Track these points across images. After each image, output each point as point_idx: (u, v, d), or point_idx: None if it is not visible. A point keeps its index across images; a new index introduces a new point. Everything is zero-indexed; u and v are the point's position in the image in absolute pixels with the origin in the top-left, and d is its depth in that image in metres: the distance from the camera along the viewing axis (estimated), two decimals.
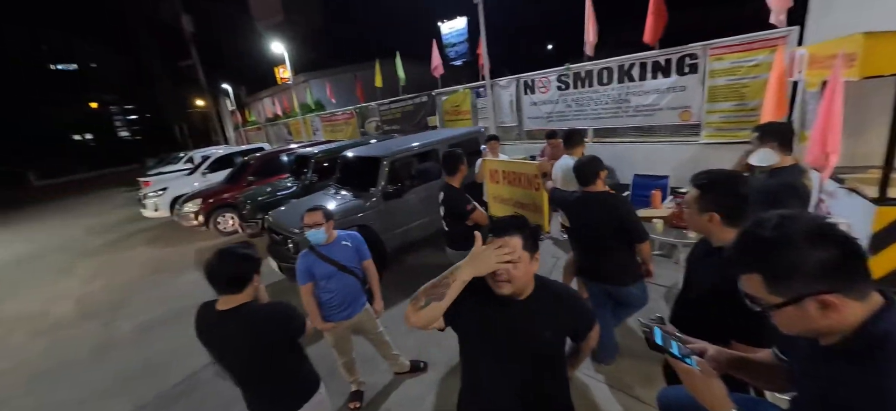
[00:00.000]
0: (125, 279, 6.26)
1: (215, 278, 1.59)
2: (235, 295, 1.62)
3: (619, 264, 2.41)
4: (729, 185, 1.38)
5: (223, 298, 1.62)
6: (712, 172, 1.43)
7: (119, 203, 14.59)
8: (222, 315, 1.61)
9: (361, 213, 4.52)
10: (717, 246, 1.41)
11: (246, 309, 1.62)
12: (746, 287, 0.83)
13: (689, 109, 5.06)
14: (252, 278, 1.66)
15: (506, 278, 1.20)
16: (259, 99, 24.62)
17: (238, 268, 1.61)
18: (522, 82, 7.10)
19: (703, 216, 1.39)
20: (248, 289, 1.64)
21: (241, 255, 1.63)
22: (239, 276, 1.61)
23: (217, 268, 1.58)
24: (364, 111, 12.18)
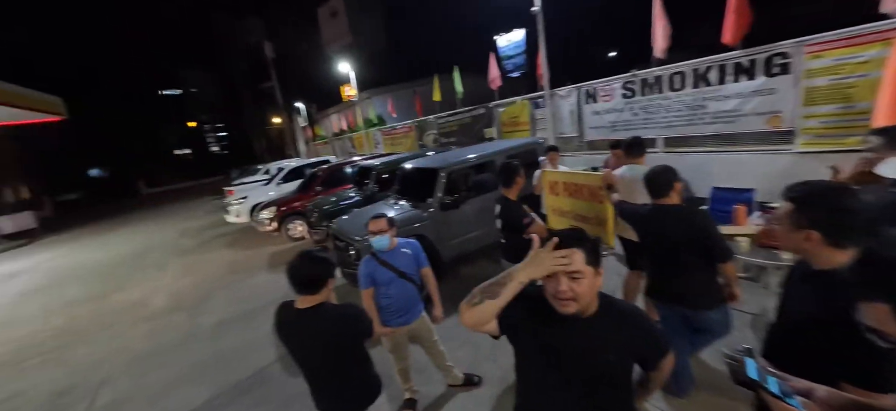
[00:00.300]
0: (208, 277, 7.01)
1: (296, 278, 1.72)
2: (312, 295, 1.74)
3: (698, 285, 2.16)
4: (830, 199, 1.16)
5: (301, 298, 1.75)
6: (810, 183, 1.22)
7: (208, 209, 16.47)
8: (300, 313, 1.74)
9: (418, 223, 4.61)
10: (818, 269, 1.20)
11: (321, 308, 1.74)
12: (870, 318, 0.69)
13: (780, 114, 4.47)
14: (328, 280, 1.78)
15: (570, 296, 1.12)
16: (327, 115, 26.57)
17: (317, 270, 1.74)
18: (584, 91, 6.82)
19: (799, 234, 1.19)
20: (323, 290, 1.76)
21: (319, 259, 1.76)
22: (317, 278, 1.74)
23: (298, 270, 1.72)
24: (422, 124, 12.54)
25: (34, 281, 9.01)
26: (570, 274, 1.12)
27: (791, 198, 1.23)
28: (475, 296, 1.22)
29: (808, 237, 1.17)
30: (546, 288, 1.19)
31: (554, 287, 1.15)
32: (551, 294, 1.16)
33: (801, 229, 1.18)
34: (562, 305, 1.14)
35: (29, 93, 11.17)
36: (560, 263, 1.12)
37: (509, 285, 1.18)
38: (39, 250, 13.42)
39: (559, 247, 1.15)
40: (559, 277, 1.13)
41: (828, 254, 1.14)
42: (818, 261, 1.19)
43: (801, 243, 1.20)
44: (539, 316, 1.22)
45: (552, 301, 1.17)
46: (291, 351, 1.81)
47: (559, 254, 1.13)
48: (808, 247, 1.19)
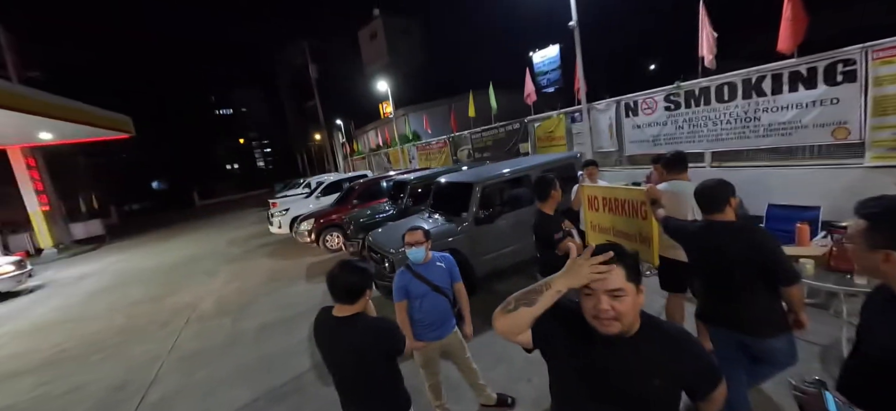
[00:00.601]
0: (252, 284, 7.37)
1: (336, 286, 1.76)
2: (350, 304, 1.78)
3: (758, 309, 1.95)
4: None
5: (339, 306, 1.79)
6: (887, 198, 1.09)
7: (253, 220, 17.43)
8: (338, 321, 1.78)
9: (452, 237, 4.61)
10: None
11: (358, 319, 1.78)
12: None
13: (846, 125, 4.09)
14: (366, 291, 1.82)
15: (612, 315, 1.05)
16: (365, 131, 27.53)
17: (356, 279, 1.77)
18: (623, 104, 6.61)
19: (876, 254, 1.06)
20: (361, 300, 1.80)
21: (359, 269, 1.80)
22: (356, 287, 1.77)
23: (338, 278, 1.76)
24: (457, 140, 12.67)
25: (102, 282, 9.88)
26: (610, 292, 1.05)
27: (865, 214, 1.11)
28: (510, 303, 1.18)
29: (888, 258, 1.05)
30: (585, 307, 1.11)
31: (594, 305, 1.08)
32: (591, 314, 1.09)
33: (879, 249, 1.06)
34: (603, 325, 1.07)
35: (103, 112, 12.56)
36: (598, 272, 1.07)
37: (546, 293, 1.14)
38: (106, 254, 14.73)
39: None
40: (599, 296, 1.06)
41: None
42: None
43: (878, 265, 1.07)
44: (576, 334, 1.16)
45: (592, 321, 1.10)
46: (325, 357, 1.85)
47: (597, 261, 1.07)
48: (886, 269, 1.07)
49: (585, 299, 1.10)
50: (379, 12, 35.89)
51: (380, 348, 1.78)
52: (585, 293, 1.10)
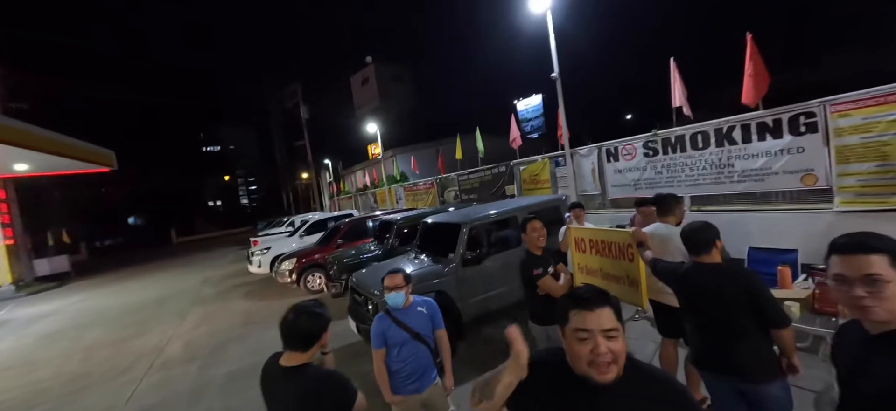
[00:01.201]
0: (224, 327, 6.97)
1: (292, 333, 1.63)
2: (301, 352, 1.63)
3: (752, 353, 1.91)
4: (887, 241, 1.03)
5: (288, 354, 1.65)
6: (856, 235, 1.08)
7: (232, 259, 16.85)
8: (285, 371, 1.63)
9: (438, 279, 4.51)
10: (884, 331, 1.03)
11: (307, 369, 1.63)
12: None
13: (813, 172, 4.31)
14: (321, 336, 1.68)
15: (610, 358, 1.00)
16: (353, 171, 27.68)
17: (313, 324, 1.65)
18: (604, 150, 6.86)
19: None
20: (313, 348, 1.66)
21: (314, 313, 1.67)
22: (310, 334, 1.64)
23: (296, 324, 1.63)
24: (444, 181, 12.80)
25: (57, 323, 9.19)
26: (606, 332, 1.01)
27: (835, 250, 1.10)
28: (475, 394, 1.15)
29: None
30: (578, 355, 1.03)
31: (591, 350, 1.01)
32: (587, 360, 1.01)
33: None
34: (600, 372, 1.00)
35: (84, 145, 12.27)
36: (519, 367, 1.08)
37: (498, 389, 1.09)
38: (70, 293, 13.86)
39: (585, 306, 1.04)
40: (596, 338, 1.00)
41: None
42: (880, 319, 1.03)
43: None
44: (558, 391, 1.10)
45: (587, 370, 1.02)
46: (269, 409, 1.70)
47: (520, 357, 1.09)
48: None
49: (579, 345, 1.03)
50: (371, 59, 37.38)
51: (327, 403, 1.61)
52: (580, 338, 1.03)
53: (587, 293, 1.08)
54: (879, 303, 0.99)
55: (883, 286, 0.98)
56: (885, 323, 1.01)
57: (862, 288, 1.00)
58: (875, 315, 1.00)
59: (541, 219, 2.94)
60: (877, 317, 1.01)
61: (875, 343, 1.05)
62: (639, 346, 3.95)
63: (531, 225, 2.86)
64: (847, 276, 1.03)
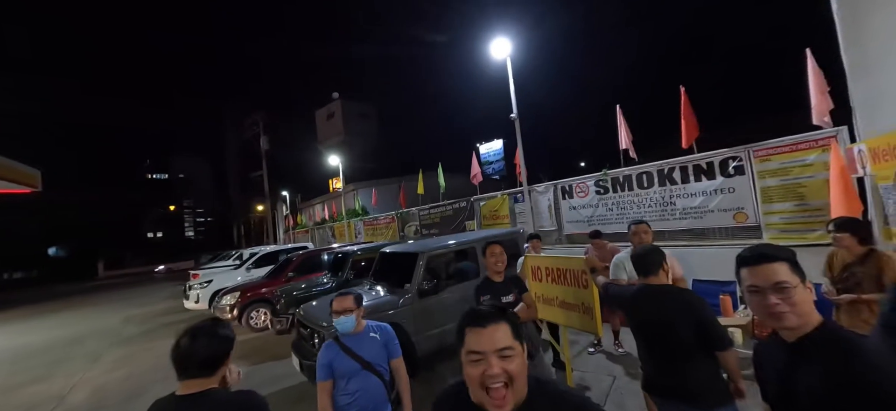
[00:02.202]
0: (145, 369, 6.14)
1: (187, 359, 1.39)
2: (205, 378, 1.41)
3: (700, 377, 1.92)
4: (785, 251, 1.11)
5: (188, 382, 1.40)
6: (759, 248, 1.13)
7: (166, 295, 15.29)
8: (183, 401, 1.38)
9: (393, 310, 4.30)
10: (805, 334, 1.05)
11: (213, 395, 1.40)
12: None
13: (743, 210, 4.73)
14: (226, 358, 1.47)
15: (504, 380, 0.90)
16: (311, 205, 26.73)
17: (214, 347, 1.43)
18: (560, 188, 7.15)
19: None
20: (219, 371, 1.45)
21: (218, 334, 1.46)
22: (214, 357, 1.43)
23: (190, 348, 1.39)
24: (405, 216, 12.66)
25: None
26: (500, 351, 0.90)
27: (743, 263, 1.13)
28: None
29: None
30: (471, 378, 0.93)
31: (483, 372, 0.90)
32: (479, 383, 0.91)
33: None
34: (494, 403, 0.90)
35: (4, 161, 10.91)
36: None
37: None
38: None
39: (479, 323, 0.95)
40: (489, 359, 0.89)
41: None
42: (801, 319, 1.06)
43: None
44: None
45: (479, 397, 0.92)
46: None
47: None
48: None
49: (472, 368, 0.92)
50: (338, 95, 37.50)
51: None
52: (472, 360, 0.92)
53: (482, 310, 1.00)
54: (791, 309, 1.03)
55: (791, 292, 1.03)
56: (798, 329, 1.05)
57: (774, 295, 1.04)
58: (788, 320, 1.04)
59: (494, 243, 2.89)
60: (790, 323, 1.04)
61: (793, 351, 1.08)
62: (595, 380, 3.92)
63: (491, 249, 2.77)
64: (760, 286, 1.07)
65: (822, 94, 4.23)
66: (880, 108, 3.57)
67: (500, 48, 7.33)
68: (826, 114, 4.19)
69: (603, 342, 4.51)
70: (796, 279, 1.05)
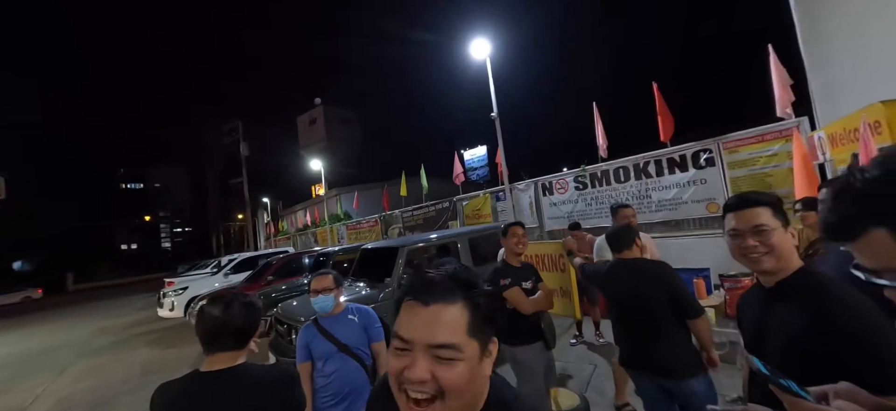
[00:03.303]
0: (115, 379, 5.85)
1: (222, 328, 1.30)
2: (237, 351, 1.32)
3: (674, 348, 1.96)
4: (771, 195, 1.15)
5: (215, 357, 1.31)
6: (745, 194, 1.18)
7: (140, 306, 14.70)
8: (215, 377, 1.28)
9: (374, 304, 4.22)
10: (778, 281, 1.09)
11: (247, 369, 1.32)
12: (866, 255, 0.57)
13: (715, 201, 4.89)
14: (256, 332, 1.40)
15: (430, 392, 0.60)
16: (293, 211, 26.28)
17: (249, 317, 1.34)
18: (540, 185, 7.24)
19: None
20: (248, 343, 1.37)
21: (252, 304, 1.38)
22: (248, 328, 1.34)
23: (225, 317, 1.30)
24: (388, 218, 12.58)
25: None
26: (434, 347, 0.61)
27: (729, 208, 1.17)
28: None
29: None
30: (390, 378, 0.66)
31: (400, 371, 0.62)
32: (397, 383, 0.63)
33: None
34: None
35: None
36: None
37: None
38: None
39: (418, 295, 0.65)
40: (415, 355, 0.61)
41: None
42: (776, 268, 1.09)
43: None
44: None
45: (397, 397, 0.64)
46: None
47: None
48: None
49: (394, 358, 0.64)
50: (320, 101, 37.18)
51: (287, 401, 1.32)
52: (396, 348, 0.64)
53: (433, 279, 0.67)
54: (768, 251, 1.06)
55: (769, 234, 1.05)
56: (776, 273, 1.07)
57: (753, 238, 1.07)
58: (765, 263, 1.06)
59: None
60: (766, 266, 1.07)
61: (770, 295, 1.11)
62: (577, 369, 3.95)
63: (513, 230, 2.53)
64: (740, 229, 1.10)
65: (784, 88, 4.43)
66: (837, 98, 3.78)
67: (479, 49, 7.43)
68: (788, 106, 4.39)
69: (584, 333, 4.55)
70: (777, 222, 1.06)
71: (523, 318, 2.35)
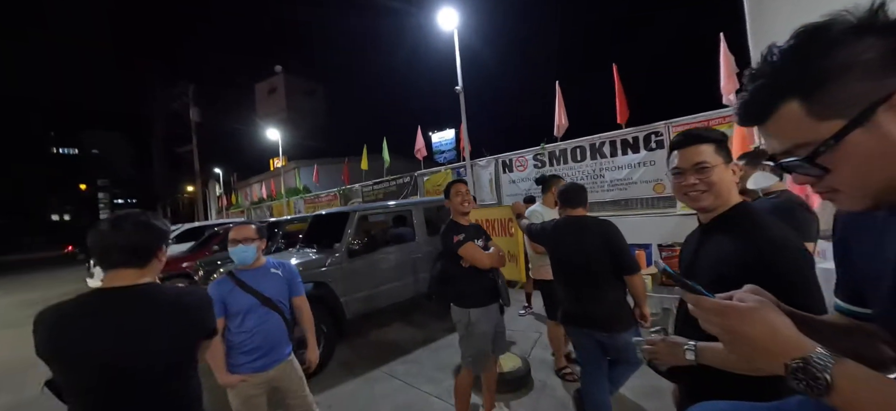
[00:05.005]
0: (25, 356, 5.25)
1: (110, 246, 1.16)
2: (138, 269, 1.19)
3: (610, 304, 2.05)
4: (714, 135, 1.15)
5: (113, 274, 1.17)
6: (691, 131, 1.16)
7: (71, 278, 13.47)
8: (118, 293, 1.15)
9: (321, 268, 4.05)
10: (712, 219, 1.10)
11: (156, 286, 1.22)
12: (777, 135, 0.53)
13: (662, 182, 5.11)
14: (158, 252, 1.25)
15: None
16: (249, 184, 24.95)
17: (141, 233, 1.19)
18: (501, 161, 7.26)
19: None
20: (152, 264, 1.23)
21: (141, 221, 1.22)
22: (143, 245, 1.20)
23: (112, 232, 1.17)
24: (347, 192, 12.23)
25: None
26: None
27: (674, 146, 1.16)
28: None
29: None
30: None
31: None
32: None
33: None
34: None
35: None
36: None
37: None
38: None
39: None
40: None
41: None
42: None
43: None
44: None
45: None
46: (79, 363, 1.10)
47: None
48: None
49: None
50: (281, 69, 35.15)
51: (194, 328, 1.23)
52: None
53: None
54: (708, 189, 1.06)
55: (710, 171, 1.06)
56: (712, 210, 1.08)
57: (693, 176, 1.07)
58: (704, 201, 1.07)
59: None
60: (705, 203, 1.07)
61: (706, 230, 1.12)
62: (523, 336, 4.03)
63: (455, 187, 2.41)
64: (682, 167, 1.10)
65: (730, 76, 4.65)
66: None
67: (447, 19, 7.21)
68: (732, 94, 4.61)
69: (533, 304, 4.65)
70: (718, 159, 1.06)
71: (481, 277, 2.28)
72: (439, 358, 3.65)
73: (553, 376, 3.11)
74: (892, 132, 0.45)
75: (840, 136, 0.46)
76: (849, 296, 0.68)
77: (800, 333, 0.52)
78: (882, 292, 0.57)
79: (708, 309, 0.59)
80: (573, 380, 2.93)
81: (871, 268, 0.59)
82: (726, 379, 0.86)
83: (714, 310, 0.58)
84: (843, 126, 0.46)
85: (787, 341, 0.51)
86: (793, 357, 0.49)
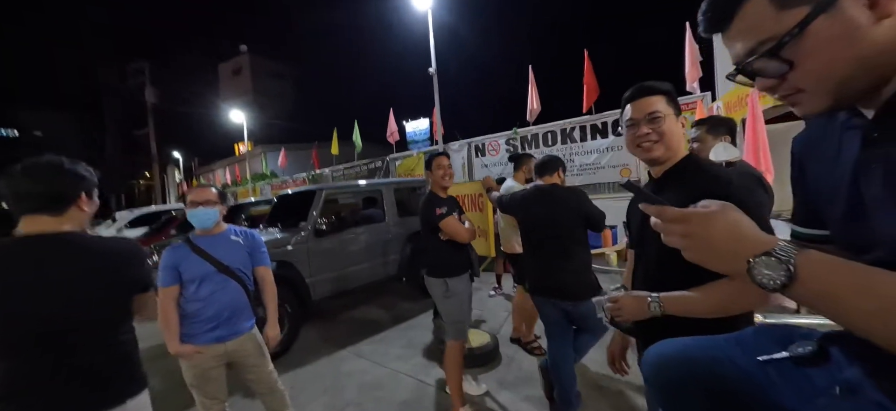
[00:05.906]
0: None
1: (21, 193, 1.07)
2: (55, 216, 1.08)
3: (576, 274, 2.07)
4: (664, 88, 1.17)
5: (29, 219, 1.07)
6: (642, 84, 1.16)
7: None
8: (35, 240, 1.06)
9: (286, 247, 3.88)
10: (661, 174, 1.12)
11: (80, 235, 1.13)
12: (741, 35, 0.52)
13: (628, 166, 5.26)
14: (77, 199, 1.13)
15: None
16: (212, 169, 23.70)
17: (55, 178, 1.09)
18: (473, 146, 7.25)
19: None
20: (71, 211, 1.11)
21: (56, 166, 1.11)
22: (59, 192, 1.10)
23: (23, 181, 1.07)
24: (317, 177, 11.88)
25: None
26: None
27: (627, 99, 1.17)
28: None
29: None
30: None
31: None
32: None
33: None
34: None
35: None
36: None
37: None
38: None
39: None
40: None
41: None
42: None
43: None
44: None
45: None
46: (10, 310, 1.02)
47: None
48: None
49: None
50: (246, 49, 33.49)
51: (123, 278, 1.16)
52: None
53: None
54: (659, 139, 1.07)
55: (661, 120, 1.06)
56: (664, 162, 1.09)
57: (646, 126, 1.08)
58: (655, 151, 1.07)
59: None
60: (656, 153, 1.08)
61: (656, 183, 1.12)
62: (492, 315, 4.06)
63: (437, 161, 2.39)
64: (635, 118, 1.10)
65: (694, 64, 4.82)
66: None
67: None
68: (695, 81, 4.79)
69: (503, 286, 4.69)
70: (669, 110, 1.08)
71: (458, 249, 2.31)
72: (408, 337, 3.61)
73: (520, 351, 3.13)
74: (855, 16, 0.44)
75: (804, 24, 0.45)
76: (805, 219, 0.68)
77: (761, 230, 0.51)
78: (839, 205, 0.56)
79: (672, 219, 0.57)
80: (541, 354, 2.97)
81: (828, 183, 0.59)
82: (689, 327, 0.87)
83: (677, 218, 0.56)
84: (807, 13, 0.45)
85: (748, 238, 0.50)
86: (755, 253, 0.47)
